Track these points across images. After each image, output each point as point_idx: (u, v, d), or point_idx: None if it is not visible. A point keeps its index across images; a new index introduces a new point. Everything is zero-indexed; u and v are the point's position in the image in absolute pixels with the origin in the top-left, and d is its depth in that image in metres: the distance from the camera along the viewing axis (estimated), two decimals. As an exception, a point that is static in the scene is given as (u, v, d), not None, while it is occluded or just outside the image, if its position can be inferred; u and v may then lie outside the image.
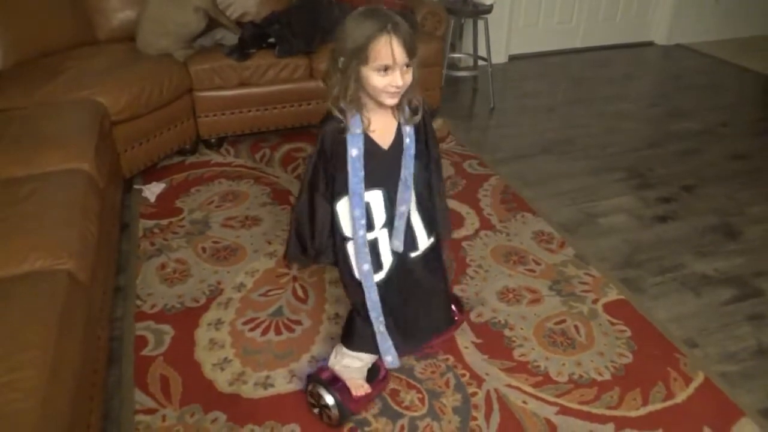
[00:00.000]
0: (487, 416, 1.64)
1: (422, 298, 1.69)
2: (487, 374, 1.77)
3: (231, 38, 2.96)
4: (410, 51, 1.29)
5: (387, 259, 1.58)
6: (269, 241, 2.35)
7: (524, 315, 2.01)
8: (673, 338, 1.92)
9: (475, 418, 1.64)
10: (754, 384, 1.77)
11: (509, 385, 1.74)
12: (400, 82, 1.30)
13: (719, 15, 4.90)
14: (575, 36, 4.67)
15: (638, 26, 4.88)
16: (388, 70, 1.29)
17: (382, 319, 1.58)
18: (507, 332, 1.94)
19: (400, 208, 1.52)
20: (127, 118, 2.54)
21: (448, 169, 2.90)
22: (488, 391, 1.72)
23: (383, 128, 1.45)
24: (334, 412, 1.57)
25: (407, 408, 1.66)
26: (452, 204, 2.56)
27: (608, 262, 2.30)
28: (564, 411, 1.66)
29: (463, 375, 1.77)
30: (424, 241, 1.63)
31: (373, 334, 1.60)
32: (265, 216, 2.51)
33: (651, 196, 2.75)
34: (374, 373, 1.68)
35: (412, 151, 1.47)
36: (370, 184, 1.45)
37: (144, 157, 2.71)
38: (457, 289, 2.11)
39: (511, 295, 2.09)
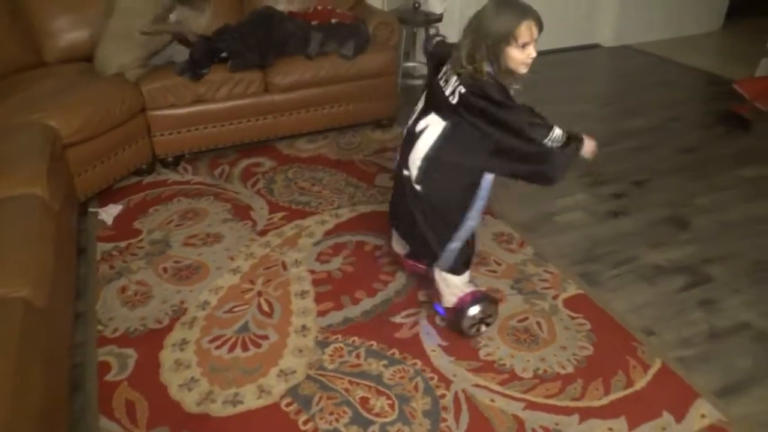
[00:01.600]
0: (457, 417, 1.67)
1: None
2: (454, 375, 1.80)
3: (181, 54, 2.93)
4: (541, 29, 1.63)
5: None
6: (232, 258, 2.34)
7: (488, 315, 2.05)
8: (630, 328, 1.99)
9: (444, 420, 1.66)
10: (708, 366, 1.85)
11: (477, 385, 1.77)
12: (534, 54, 1.65)
13: (661, 15, 5.10)
14: (526, 40, 4.79)
15: (585, 29, 5.03)
16: (526, 46, 1.63)
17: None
18: (472, 333, 1.97)
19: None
20: (79, 141, 2.49)
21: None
22: (456, 393, 1.75)
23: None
24: (491, 309, 1.94)
25: (378, 415, 1.68)
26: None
27: (566, 258, 2.36)
28: (531, 406, 1.71)
29: (432, 378, 1.80)
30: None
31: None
32: (227, 232, 2.50)
33: (605, 193, 2.84)
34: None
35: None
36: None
37: (99, 179, 2.66)
38: (421, 294, 2.14)
39: (474, 297, 2.13)
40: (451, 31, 4.30)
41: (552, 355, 1.88)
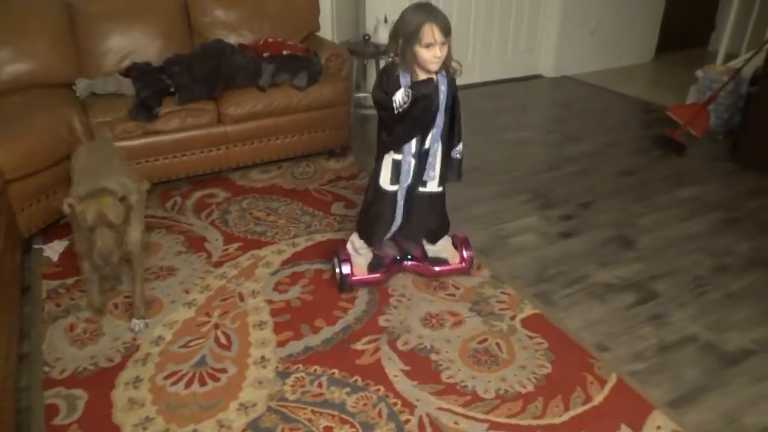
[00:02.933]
0: (422, 441, 1.66)
1: (421, 222, 2.23)
2: (418, 400, 1.80)
3: (129, 86, 2.88)
4: (446, 32, 1.80)
5: (405, 179, 2.08)
6: (187, 290, 2.28)
7: (448, 338, 2.06)
8: (585, 344, 2.04)
9: (410, 445, 1.65)
10: (660, 378, 1.92)
11: (440, 408, 1.77)
12: (439, 54, 1.83)
13: (597, 48, 5.39)
14: (473, 71, 4.95)
15: (527, 61, 5.25)
16: (431, 46, 1.81)
17: (399, 223, 2.17)
18: (434, 356, 1.98)
19: (434, 146, 2.04)
20: (23, 176, 2.40)
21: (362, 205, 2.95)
22: (420, 417, 1.74)
23: None
24: (338, 279, 2.28)
25: (342, 444, 1.65)
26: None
27: (521, 279, 2.42)
28: (494, 426, 1.72)
29: (395, 403, 1.79)
30: (433, 185, 2.14)
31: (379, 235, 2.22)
32: (181, 265, 2.44)
33: (554, 215, 2.94)
34: (378, 266, 2.33)
35: (443, 104, 1.98)
36: None
37: (44, 215, 2.57)
38: (382, 320, 2.14)
39: (434, 320, 2.15)
40: (401, 62, 4.43)
41: (512, 374, 1.91)
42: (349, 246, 2.31)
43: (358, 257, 2.29)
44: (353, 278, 2.26)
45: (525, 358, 1.98)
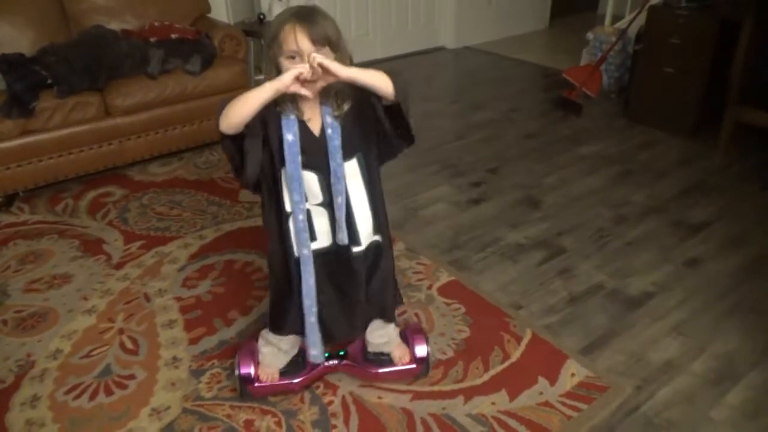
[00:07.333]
0: (346, 421, 1.64)
1: (357, 299, 1.59)
2: (339, 380, 1.77)
3: (-1, 83, 2.63)
4: (317, 41, 1.28)
5: (322, 235, 1.51)
6: (85, 297, 2.12)
7: (367, 314, 2.04)
8: (501, 305, 2.09)
9: (335, 426, 1.62)
10: (571, 328, 1.99)
11: (362, 386, 1.75)
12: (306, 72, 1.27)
13: (494, 18, 5.50)
14: (374, 47, 4.91)
15: (428, 34, 5.28)
16: (296, 58, 1.29)
17: (314, 309, 1.53)
18: (353, 334, 1.95)
19: (337, 200, 1.44)
20: None
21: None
22: (343, 396, 1.71)
23: (313, 115, 1.42)
24: (237, 386, 1.68)
25: (265, 435, 1.60)
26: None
27: (436, 248, 2.43)
28: (417, 396, 1.72)
29: (317, 387, 1.75)
30: (367, 234, 1.53)
31: (301, 317, 1.55)
32: (77, 271, 2.27)
33: (464, 183, 2.98)
34: (299, 368, 1.70)
35: (336, 142, 1.41)
36: (304, 165, 1.41)
37: None
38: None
39: (352, 298, 2.12)
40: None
41: (432, 343, 1.92)
42: (260, 340, 1.70)
43: (269, 354, 1.68)
44: (257, 384, 1.65)
45: (444, 325, 2.00)
